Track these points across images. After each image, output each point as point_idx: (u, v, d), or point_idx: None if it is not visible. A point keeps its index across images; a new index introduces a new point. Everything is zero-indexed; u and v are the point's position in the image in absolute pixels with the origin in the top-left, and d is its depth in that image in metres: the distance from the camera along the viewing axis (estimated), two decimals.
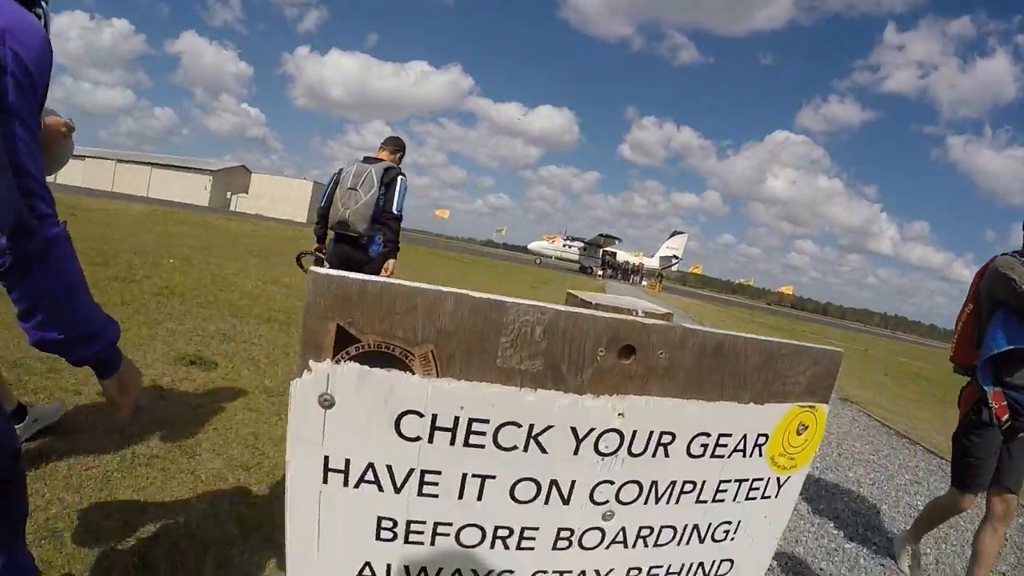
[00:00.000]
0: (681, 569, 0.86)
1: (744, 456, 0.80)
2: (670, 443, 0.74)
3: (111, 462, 2.36)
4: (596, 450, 0.71)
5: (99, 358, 1.02)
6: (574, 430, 0.68)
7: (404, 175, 3.80)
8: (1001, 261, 2.18)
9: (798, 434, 0.84)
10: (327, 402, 0.62)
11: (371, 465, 0.65)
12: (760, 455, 0.81)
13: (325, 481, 0.65)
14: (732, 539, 0.87)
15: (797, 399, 0.81)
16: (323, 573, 0.71)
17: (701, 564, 0.87)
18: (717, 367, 0.73)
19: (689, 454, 0.76)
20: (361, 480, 0.66)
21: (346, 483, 0.66)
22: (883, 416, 6.45)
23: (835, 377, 0.85)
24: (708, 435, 0.76)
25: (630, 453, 0.72)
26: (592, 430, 0.69)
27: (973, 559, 2.35)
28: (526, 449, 0.68)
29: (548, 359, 0.65)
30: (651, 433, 0.72)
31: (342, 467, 0.65)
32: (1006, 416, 2.15)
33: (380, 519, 0.68)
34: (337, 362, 0.61)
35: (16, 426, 2.21)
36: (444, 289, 0.61)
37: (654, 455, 0.74)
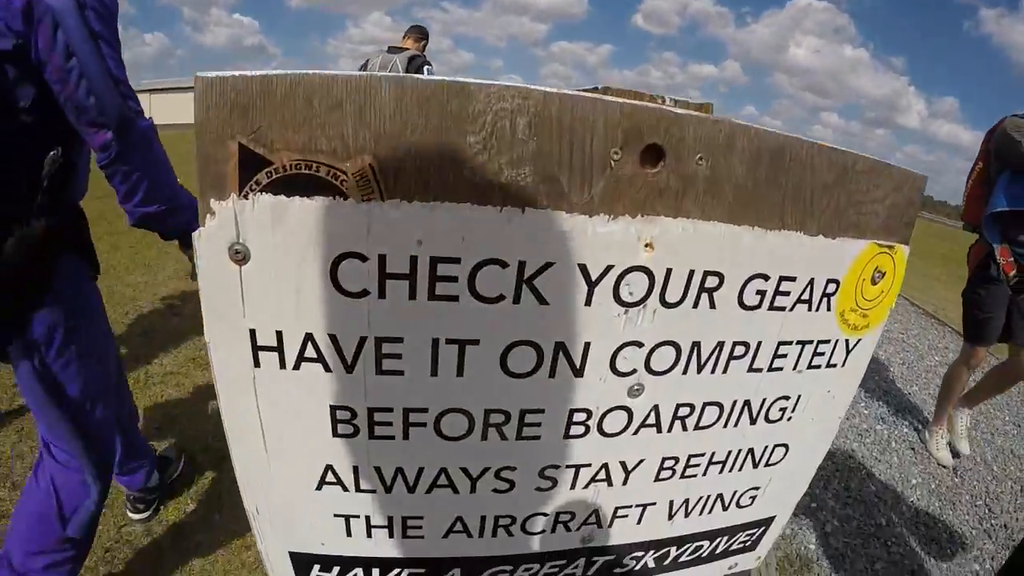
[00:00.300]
0: (727, 458, 0.70)
1: (809, 309, 0.61)
2: (716, 288, 0.54)
3: None
4: (616, 298, 0.52)
5: (187, 228, 1.22)
6: (583, 269, 0.49)
7: (430, 64, 3.70)
8: (1010, 123, 2.16)
9: (873, 283, 0.65)
10: (240, 255, 0.45)
11: (309, 337, 0.48)
12: (828, 309, 0.63)
13: (257, 364, 0.50)
14: (789, 419, 0.70)
15: (874, 235, 0.62)
16: (279, 484, 0.57)
17: (751, 451, 0.72)
18: (777, 181, 0.53)
19: (742, 304, 0.57)
20: (300, 359, 0.49)
21: (283, 364, 0.50)
22: (911, 295, 6.26)
23: (918, 209, 0.65)
24: (766, 278, 0.56)
25: (663, 302, 0.53)
26: (610, 268, 0.50)
27: (977, 388, 2.67)
28: (517, 299, 0.49)
29: (539, 165, 0.45)
30: (691, 273, 0.53)
31: (274, 343, 0.49)
32: (1013, 271, 2.21)
33: (334, 409, 0.52)
34: (245, 197, 0.43)
35: None
36: (378, 74, 0.41)
37: (695, 304, 0.54)
